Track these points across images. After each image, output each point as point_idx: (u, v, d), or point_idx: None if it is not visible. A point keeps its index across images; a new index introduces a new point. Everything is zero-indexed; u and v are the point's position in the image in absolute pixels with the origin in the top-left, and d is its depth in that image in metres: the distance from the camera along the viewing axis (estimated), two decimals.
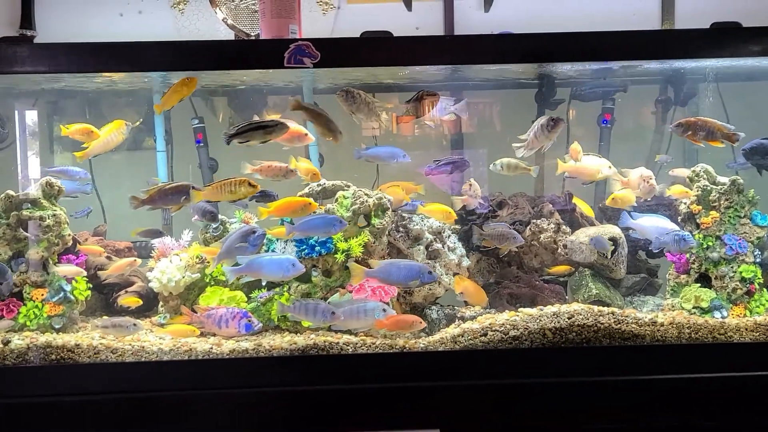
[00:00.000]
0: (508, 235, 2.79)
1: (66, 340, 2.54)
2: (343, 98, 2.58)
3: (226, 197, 2.60)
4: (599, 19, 3.39)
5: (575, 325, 2.52)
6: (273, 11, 2.58)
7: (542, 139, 2.64)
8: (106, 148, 2.81)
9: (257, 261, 2.60)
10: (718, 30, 2.48)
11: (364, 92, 2.59)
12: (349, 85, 2.62)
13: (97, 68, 2.53)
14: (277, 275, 2.62)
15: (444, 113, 2.91)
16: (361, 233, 2.74)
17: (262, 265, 2.59)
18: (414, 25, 3.42)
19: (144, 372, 2.47)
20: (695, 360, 2.47)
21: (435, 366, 2.47)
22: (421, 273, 2.52)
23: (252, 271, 2.60)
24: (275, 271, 2.59)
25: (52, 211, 2.74)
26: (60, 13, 3.41)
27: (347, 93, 2.57)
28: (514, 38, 2.51)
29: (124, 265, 2.91)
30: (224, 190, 2.58)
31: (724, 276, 2.72)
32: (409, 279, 2.54)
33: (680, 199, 2.86)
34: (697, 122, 2.65)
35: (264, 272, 2.60)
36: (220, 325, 2.58)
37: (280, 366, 2.49)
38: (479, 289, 2.77)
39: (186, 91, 2.59)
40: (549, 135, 2.63)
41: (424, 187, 2.95)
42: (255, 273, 2.61)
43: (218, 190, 2.59)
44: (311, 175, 2.81)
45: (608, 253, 2.82)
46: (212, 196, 2.63)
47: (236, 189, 2.57)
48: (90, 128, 2.78)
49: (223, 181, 2.59)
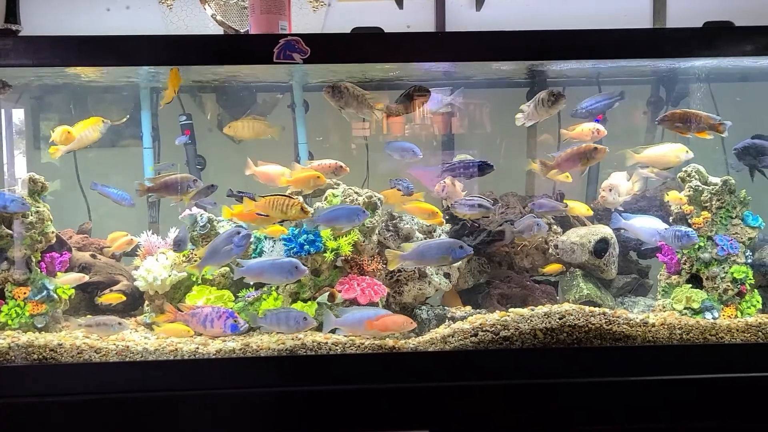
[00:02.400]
0: (534, 224, 2.75)
1: (48, 340, 2.49)
2: (330, 94, 2.55)
3: (277, 215, 2.52)
4: (590, 18, 3.38)
5: (566, 325, 2.49)
6: (263, 7, 2.55)
7: (542, 112, 2.60)
8: (80, 144, 2.75)
9: (259, 264, 2.55)
10: (711, 29, 2.47)
11: (352, 85, 2.55)
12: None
13: (82, 62, 2.48)
14: (280, 279, 2.57)
15: (440, 105, 2.87)
16: (351, 232, 2.71)
17: (264, 269, 2.54)
18: (405, 23, 3.40)
19: (128, 372, 2.42)
20: (686, 361, 2.46)
21: (425, 366, 2.44)
22: (452, 249, 2.49)
23: (253, 274, 2.56)
24: (278, 275, 2.54)
25: (36, 208, 2.69)
26: (45, 7, 3.36)
27: (333, 88, 2.53)
28: (506, 35, 2.49)
29: (123, 244, 2.89)
30: (276, 207, 2.51)
31: (716, 277, 2.71)
32: (441, 256, 2.50)
33: (674, 203, 2.84)
34: (683, 114, 2.64)
35: (266, 276, 2.56)
36: (205, 325, 2.54)
37: (268, 366, 2.45)
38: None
39: (178, 80, 2.55)
40: (549, 110, 2.60)
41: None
42: (257, 276, 2.57)
43: (270, 205, 2.52)
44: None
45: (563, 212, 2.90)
46: (262, 211, 2.55)
47: (288, 210, 2.50)
48: (67, 129, 2.72)
49: (276, 198, 2.52)
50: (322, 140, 3.33)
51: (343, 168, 2.78)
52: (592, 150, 2.61)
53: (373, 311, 2.51)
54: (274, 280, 2.61)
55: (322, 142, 3.32)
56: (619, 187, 2.90)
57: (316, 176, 2.69)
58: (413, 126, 3.30)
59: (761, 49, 2.46)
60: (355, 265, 2.74)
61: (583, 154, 2.61)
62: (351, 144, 3.35)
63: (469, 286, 2.97)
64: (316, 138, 3.27)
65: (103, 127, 2.77)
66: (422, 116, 3.21)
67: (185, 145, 3.19)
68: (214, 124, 3.26)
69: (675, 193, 2.83)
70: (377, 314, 2.49)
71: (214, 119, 3.26)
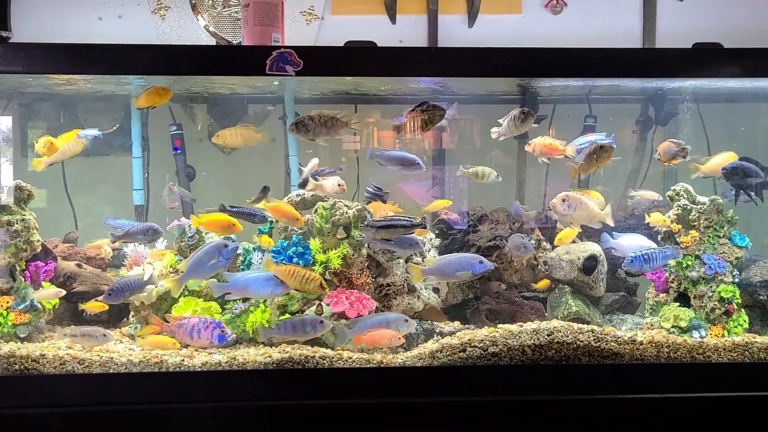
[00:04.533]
0: (522, 244, 2.77)
1: (31, 350, 2.45)
2: (295, 131, 2.54)
3: (294, 285, 2.50)
4: (581, 37, 3.42)
5: (555, 342, 2.49)
6: (256, 19, 2.55)
7: (512, 129, 2.64)
8: (63, 157, 2.72)
9: (243, 279, 2.51)
10: (700, 50, 2.49)
11: (317, 113, 2.54)
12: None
13: (73, 70, 2.47)
14: (265, 293, 2.54)
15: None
16: (341, 245, 2.70)
17: (249, 284, 2.51)
18: (398, 38, 3.41)
19: (112, 384, 2.39)
20: (674, 379, 2.46)
21: (413, 382, 2.43)
22: (472, 264, 2.52)
23: (238, 289, 2.52)
24: (262, 290, 2.51)
25: (21, 216, 2.65)
26: (37, 15, 3.34)
27: (297, 124, 2.54)
28: (497, 52, 2.50)
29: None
30: (295, 277, 2.49)
31: (703, 295, 2.72)
32: (461, 271, 2.53)
33: (657, 225, 2.86)
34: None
35: (250, 291, 2.52)
36: (192, 335, 2.50)
37: (254, 380, 2.42)
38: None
39: (158, 99, 2.54)
40: (519, 126, 2.63)
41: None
42: (241, 292, 2.53)
43: (289, 274, 2.50)
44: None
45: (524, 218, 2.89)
46: (281, 277, 2.52)
47: (306, 284, 2.49)
48: (51, 140, 2.69)
49: (296, 269, 2.51)
50: (312, 152, 3.33)
51: (342, 187, 2.77)
52: (598, 149, 2.60)
53: (383, 316, 2.51)
54: (257, 295, 2.58)
55: (312, 155, 3.31)
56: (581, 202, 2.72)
57: (295, 218, 2.68)
58: (404, 140, 3.31)
59: (749, 71, 2.49)
60: (344, 278, 2.72)
61: (591, 154, 2.60)
62: (341, 157, 3.35)
63: (458, 301, 2.96)
64: (307, 151, 3.26)
65: (84, 140, 2.75)
66: (413, 130, 3.22)
67: (175, 155, 3.18)
68: (205, 134, 3.25)
69: (658, 215, 2.85)
70: (387, 319, 2.49)
71: (204, 130, 3.24)
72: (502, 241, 2.93)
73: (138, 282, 2.56)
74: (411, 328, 2.55)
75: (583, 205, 2.68)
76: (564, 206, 2.67)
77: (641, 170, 3.28)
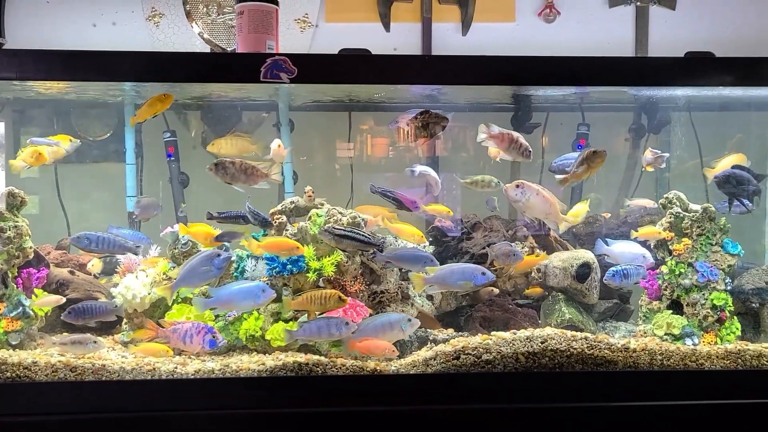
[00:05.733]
0: (511, 253, 2.76)
1: (22, 357, 2.43)
2: (214, 172, 2.56)
3: (316, 309, 2.53)
4: (574, 46, 3.44)
5: (548, 349, 2.49)
6: (250, 26, 2.56)
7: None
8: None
9: (225, 292, 2.50)
10: (692, 59, 2.51)
11: (239, 162, 2.56)
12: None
13: (66, 77, 2.46)
14: (248, 304, 2.52)
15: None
16: (334, 252, 2.70)
17: (232, 296, 2.50)
18: (392, 46, 3.42)
19: (105, 392, 2.37)
20: (667, 387, 2.46)
21: (406, 389, 2.42)
22: (474, 275, 2.52)
23: (221, 303, 2.51)
24: (245, 300, 2.50)
25: (14, 223, 2.64)
26: (30, 22, 3.34)
27: (217, 166, 2.55)
28: (491, 60, 2.51)
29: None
30: (314, 302, 2.52)
31: (696, 303, 2.73)
32: (462, 281, 2.53)
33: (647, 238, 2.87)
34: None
35: (235, 303, 2.51)
36: (185, 341, 2.49)
37: (248, 387, 2.41)
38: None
39: (160, 106, 2.54)
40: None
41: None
42: (225, 305, 2.53)
43: (308, 301, 2.53)
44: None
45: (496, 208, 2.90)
46: (300, 308, 2.57)
47: (326, 302, 2.52)
48: (39, 150, 2.70)
49: (313, 294, 2.53)
50: (307, 159, 3.34)
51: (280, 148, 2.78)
52: (591, 154, 2.59)
53: (386, 317, 2.51)
54: (242, 307, 2.56)
55: (306, 162, 3.32)
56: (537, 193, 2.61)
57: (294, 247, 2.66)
58: (397, 148, 3.32)
59: (740, 80, 2.51)
60: (338, 285, 2.72)
61: (584, 160, 2.60)
62: (335, 164, 3.36)
63: (451, 308, 2.96)
64: (301, 158, 3.27)
65: (70, 147, 2.75)
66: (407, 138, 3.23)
67: (169, 162, 3.17)
68: (199, 141, 3.24)
69: (649, 227, 2.85)
70: (389, 320, 2.49)
71: (198, 137, 3.24)
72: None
73: (103, 308, 2.57)
74: (415, 327, 2.52)
75: (539, 196, 2.59)
76: (517, 192, 2.58)
77: (633, 178, 3.29)
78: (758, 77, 2.52)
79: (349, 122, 3.27)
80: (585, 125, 3.20)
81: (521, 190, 2.58)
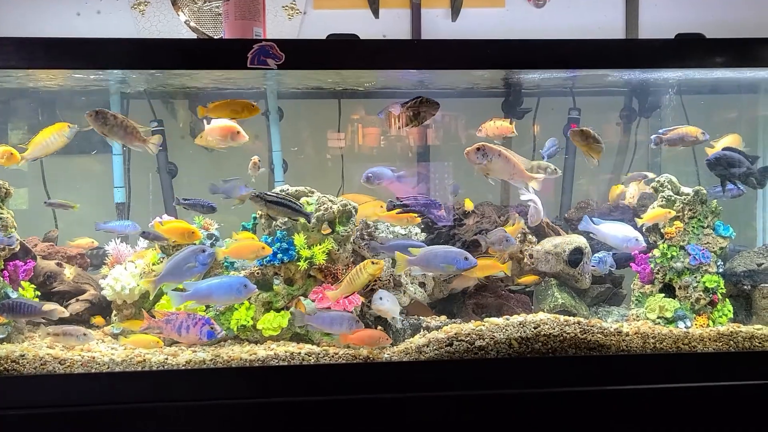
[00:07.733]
0: (504, 238, 2.75)
1: (10, 350, 2.40)
2: (93, 119, 2.44)
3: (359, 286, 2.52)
4: (564, 31, 3.42)
5: (541, 334, 2.48)
6: (237, 13, 2.52)
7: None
8: (45, 151, 2.62)
9: (205, 286, 2.43)
10: (682, 41, 2.50)
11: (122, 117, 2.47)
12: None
13: (50, 65, 2.41)
14: (229, 299, 2.48)
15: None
16: (325, 240, 2.67)
17: (212, 290, 2.43)
18: (381, 33, 3.39)
19: (94, 384, 2.34)
20: (660, 370, 2.46)
21: (400, 377, 2.41)
22: (456, 259, 2.50)
23: (200, 297, 2.44)
24: (226, 295, 2.44)
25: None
26: (13, 12, 3.29)
27: (98, 113, 2.44)
28: (481, 44, 2.49)
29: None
30: (354, 281, 2.49)
31: (688, 286, 2.73)
32: (445, 264, 2.51)
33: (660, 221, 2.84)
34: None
35: (214, 297, 2.44)
36: (180, 332, 2.45)
37: (239, 377, 2.39)
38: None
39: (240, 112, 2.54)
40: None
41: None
42: (205, 299, 2.47)
43: (350, 283, 2.50)
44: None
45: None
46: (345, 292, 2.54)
47: (361, 275, 2.49)
48: (10, 150, 2.60)
49: (353, 275, 2.49)
50: (297, 150, 3.30)
51: (240, 134, 2.72)
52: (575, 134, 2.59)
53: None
54: (222, 301, 2.52)
55: (297, 152, 3.29)
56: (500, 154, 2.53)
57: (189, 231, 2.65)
58: (388, 137, 3.29)
59: (731, 61, 2.50)
60: (330, 274, 2.70)
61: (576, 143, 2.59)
62: (326, 154, 3.33)
63: (444, 295, 2.95)
64: (291, 148, 3.24)
65: (69, 133, 2.67)
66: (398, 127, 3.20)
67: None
68: (187, 131, 3.21)
69: (657, 210, 2.80)
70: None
71: (186, 126, 3.20)
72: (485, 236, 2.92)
73: (34, 308, 2.51)
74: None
75: (501, 157, 2.52)
76: (478, 155, 2.52)
77: (625, 161, 3.28)
78: (748, 58, 2.51)
79: (339, 110, 3.24)
80: (576, 110, 3.19)
81: (482, 153, 2.52)
